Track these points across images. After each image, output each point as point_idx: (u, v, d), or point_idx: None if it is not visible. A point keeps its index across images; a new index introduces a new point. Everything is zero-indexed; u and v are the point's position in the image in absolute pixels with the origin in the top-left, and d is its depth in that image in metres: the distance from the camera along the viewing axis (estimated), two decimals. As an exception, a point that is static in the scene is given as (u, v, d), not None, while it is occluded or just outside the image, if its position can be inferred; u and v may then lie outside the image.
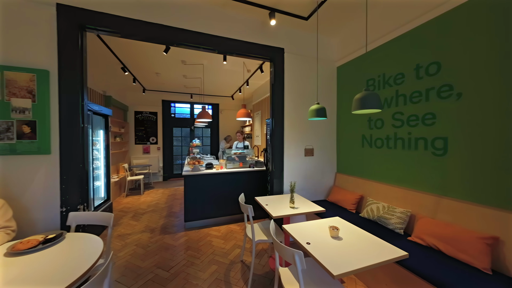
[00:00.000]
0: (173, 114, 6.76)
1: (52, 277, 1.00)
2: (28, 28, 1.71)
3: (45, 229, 1.75)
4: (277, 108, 2.67)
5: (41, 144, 1.73)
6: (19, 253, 1.18)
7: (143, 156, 6.19)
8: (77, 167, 1.87)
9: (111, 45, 3.21)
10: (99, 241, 1.33)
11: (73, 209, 1.83)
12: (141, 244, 2.58)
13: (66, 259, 1.16)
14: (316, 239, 1.35)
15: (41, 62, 1.74)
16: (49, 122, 1.76)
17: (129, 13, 2.01)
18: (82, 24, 1.88)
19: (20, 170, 1.70)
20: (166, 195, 4.84)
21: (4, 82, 1.64)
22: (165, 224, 3.21)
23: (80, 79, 1.88)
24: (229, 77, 4.82)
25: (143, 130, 6.23)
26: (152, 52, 3.46)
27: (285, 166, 2.72)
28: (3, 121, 1.64)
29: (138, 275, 1.99)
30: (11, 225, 1.41)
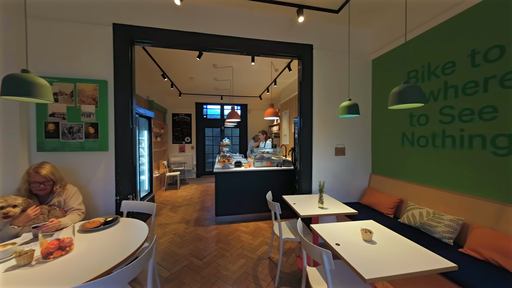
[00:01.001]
0: (205, 115, 7.20)
1: (111, 252, 1.21)
2: (92, 46, 2.07)
3: (104, 213, 2.09)
4: (305, 106, 2.62)
5: (102, 142, 2.08)
6: (87, 230, 1.45)
7: (179, 154, 6.76)
8: (128, 162, 2.17)
9: (153, 55, 3.61)
10: (145, 227, 1.53)
11: (125, 198, 2.14)
12: (178, 234, 2.85)
13: (120, 238, 1.38)
14: (347, 241, 1.30)
15: (101, 73, 2.09)
16: (107, 123, 2.10)
17: (167, 25, 2.24)
18: (132, 39, 2.18)
19: (87, 164, 2.07)
20: (199, 191, 5.21)
21: (76, 92, 2.02)
22: (198, 217, 3.46)
23: (130, 86, 2.18)
24: (257, 77, 4.91)
25: (179, 131, 6.81)
26: (187, 59, 3.77)
27: (313, 166, 2.65)
28: (76, 124, 2.02)
29: (175, 260, 2.21)
30: (82, 208, 1.73)
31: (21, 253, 1.07)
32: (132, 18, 2.15)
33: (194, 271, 2.03)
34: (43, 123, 1.97)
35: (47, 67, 1.97)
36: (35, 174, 1.54)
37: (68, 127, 2.01)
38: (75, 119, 2.02)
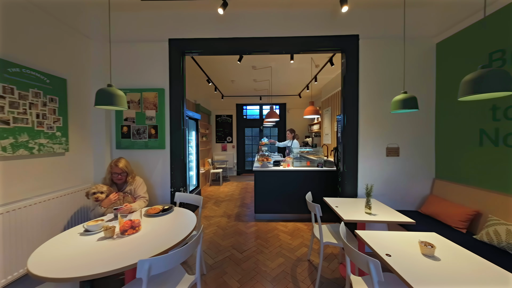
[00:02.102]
0: (245, 115, 7.49)
1: (167, 235, 1.41)
2: (153, 60, 2.44)
3: (162, 202, 2.44)
4: (350, 102, 2.42)
5: (160, 142, 2.44)
6: (150, 215, 1.73)
7: (221, 153, 7.25)
8: (180, 159, 2.48)
9: (199, 62, 3.99)
10: (193, 217, 1.72)
11: (177, 190, 2.45)
12: (221, 226, 3.07)
13: (174, 225, 1.59)
14: (400, 252, 1.15)
15: (160, 83, 2.45)
16: (164, 125, 2.44)
17: (212, 34, 2.43)
18: (183, 50, 2.48)
19: (149, 160, 2.46)
20: (239, 188, 5.47)
21: (142, 99, 2.43)
22: (239, 212, 3.64)
23: (181, 93, 2.48)
24: (296, 75, 4.80)
25: (221, 131, 7.31)
26: (229, 63, 4.01)
27: (359, 167, 2.42)
28: (142, 126, 2.44)
29: (219, 250, 2.40)
30: (146, 196, 2.08)
31: (107, 228, 1.37)
32: (183, 32, 2.43)
33: (235, 263, 2.15)
34: (120, 126, 2.45)
35: (122, 80, 2.43)
36: (115, 167, 1.93)
37: (136, 129, 2.44)
38: (141, 122, 2.44)
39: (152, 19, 2.42)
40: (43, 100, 1.79)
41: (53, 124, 1.87)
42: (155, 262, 1.01)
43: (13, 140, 1.58)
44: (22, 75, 1.64)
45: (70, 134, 2.05)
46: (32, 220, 1.62)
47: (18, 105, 1.61)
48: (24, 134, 1.65)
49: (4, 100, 1.52)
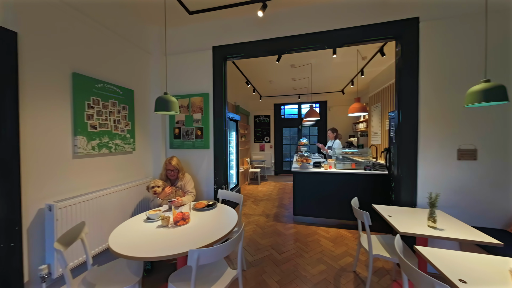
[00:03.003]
0: (283, 115, 7.41)
1: (212, 229, 1.52)
2: (199, 67, 2.68)
3: (207, 197, 2.65)
4: (407, 96, 2.09)
5: (205, 142, 2.65)
6: (197, 209, 1.91)
7: (259, 153, 7.38)
8: (222, 158, 2.64)
9: (239, 66, 4.16)
10: (235, 214, 1.80)
11: (220, 187, 2.62)
12: (260, 225, 3.12)
13: (218, 219, 1.70)
14: (479, 280, 0.93)
15: (205, 88, 2.66)
16: (208, 127, 2.65)
17: (252, 37, 2.49)
18: (225, 56, 2.62)
19: (196, 158, 2.71)
20: (277, 188, 5.45)
21: (190, 104, 2.69)
22: (277, 213, 3.63)
23: (223, 96, 2.63)
24: (339, 71, 4.46)
25: (259, 131, 7.43)
26: (267, 64, 4.04)
27: (419, 172, 2.07)
28: (190, 128, 2.70)
29: (258, 249, 2.45)
30: (194, 191, 2.30)
31: (163, 218, 1.58)
32: (225, 39, 2.58)
33: (274, 263, 2.16)
34: (173, 129, 2.78)
35: (174, 87, 2.75)
36: (169, 164, 2.20)
37: (185, 131, 2.73)
38: (189, 125, 2.71)
39: (197, 30, 2.65)
40: (118, 108, 2.19)
41: (124, 127, 2.27)
42: (203, 253, 1.10)
43: (99, 141, 1.98)
44: (104, 89, 2.04)
45: (136, 136, 2.45)
46: (111, 206, 2.01)
47: (102, 113, 2.01)
48: (105, 136, 2.05)
49: (93, 109, 1.93)
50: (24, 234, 1.45)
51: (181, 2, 2.21)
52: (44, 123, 1.57)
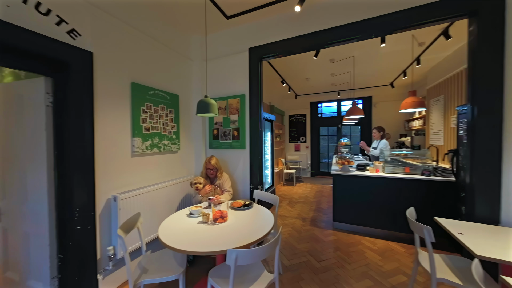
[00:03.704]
0: (320, 114, 7.02)
1: (249, 230, 1.53)
2: (236, 70, 2.75)
3: (243, 197, 2.71)
4: (486, 86, 1.68)
5: (242, 142, 2.71)
6: (234, 208, 1.95)
7: (294, 153, 7.18)
8: (257, 158, 2.65)
9: (274, 65, 4.11)
10: (271, 216, 1.77)
11: (255, 187, 2.63)
12: (296, 228, 3.02)
13: (255, 220, 1.70)
14: None
15: (241, 89, 2.72)
16: (244, 128, 2.69)
17: (288, 34, 2.42)
18: (260, 56, 2.62)
19: (233, 158, 2.79)
20: (314, 191, 5.19)
21: (227, 106, 2.79)
22: (314, 217, 3.44)
23: (259, 96, 2.64)
24: (388, 61, 3.95)
25: (294, 131, 7.23)
26: (303, 61, 3.88)
27: (504, 181, 1.63)
28: (227, 129, 2.81)
29: (294, 253, 2.36)
30: (231, 190, 2.37)
31: (204, 214, 1.66)
32: (261, 39, 2.57)
33: (312, 271, 2.04)
34: (212, 130, 2.94)
35: (214, 91, 2.90)
36: (208, 163, 2.33)
37: (223, 132, 2.84)
38: (227, 126, 2.81)
39: (234, 34, 2.73)
40: (166, 112, 2.44)
41: (171, 129, 2.51)
42: (241, 254, 1.10)
43: (151, 141, 2.24)
44: (155, 95, 2.30)
45: (180, 137, 2.68)
46: (160, 199, 2.24)
47: (153, 117, 2.27)
48: (156, 137, 2.31)
49: (147, 114, 2.19)
50: (97, 219, 1.75)
51: (219, 8, 2.30)
52: (110, 127, 1.86)
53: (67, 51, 1.55)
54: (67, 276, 1.61)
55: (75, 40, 1.60)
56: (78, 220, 1.61)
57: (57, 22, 1.50)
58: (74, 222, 1.60)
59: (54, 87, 1.59)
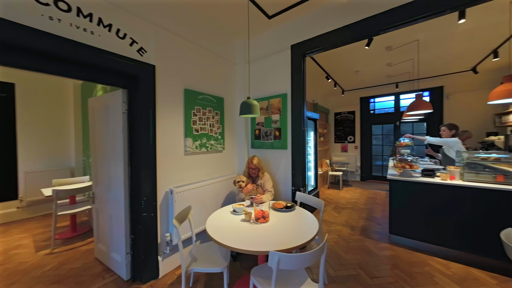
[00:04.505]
0: (372, 110, 6.23)
1: (292, 232, 1.47)
2: (277, 69, 2.72)
3: (284, 198, 2.65)
4: None
5: (283, 143, 2.66)
6: (275, 209, 1.93)
7: (341, 154, 6.60)
8: (300, 159, 2.54)
9: (318, 60, 3.87)
10: (315, 221, 1.67)
11: (297, 189, 2.53)
12: (343, 237, 2.75)
13: (297, 224, 1.63)
14: None
15: (283, 88, 2.67)
16: (286, 127, 2.63)
17: (335, 25, 2.22)
18: (303, 52, 2.51)
19: (275, 158, 2.77)
20: (364, 196, 4.64)
21: (269, 106, 2.79)
22: (366, 226, 3.07)
23: (302, 95, 2.53)
24: (468, 41, 3.14)
25: (341, 130, 6.65)
26: (352, 52, 3.51)
27: None
28: (269, 129, 2.81)
29: (341, 264, 2.15)
30: (272, 190, 2.36)
31: (246, 213, 1.70)
32: (304, 34, 2.46)
33: (363, 287, 1.81)
34: (253, 130, 3.00)
35: (256, 91, 2.96)
36: (250, 163, 2.38)
37: (264, 132, 2.86)
38: (268, 126, 2.82)
39: (275, 33, 2.70)
40: (212, 114, 2.63)
41: (217, 130, 2.70)
42: (284, 258, 1.07)
43: (200, 141, 2.46)
44: (203, 99, 2.51)
45: (225, 137, 2.84)
46: (207, 195, 2.43)
47: (202, 119, 2.49)
48: (204, 138, 2.52)
49: (196, 116, 2.42)
50: (158, 209, 2.03)
51: (261, 9, 2.32)
52: (167, 129, 2.13)
53: (137, 67, 1.85)
54: (136, 254, 1.94)
55: (142, 56, 1.90)
56: (145, 207, 1.91)
57: (130, 43, 1.82)
58: (142, 209, 1.90)
59: (128, 97, 1.94)
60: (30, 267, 2.16)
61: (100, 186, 2.20)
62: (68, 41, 1.45)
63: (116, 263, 2.03)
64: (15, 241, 2.72)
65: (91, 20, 1.57)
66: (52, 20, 1.39)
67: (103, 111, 2.10)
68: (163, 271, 2.03)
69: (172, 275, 2.02)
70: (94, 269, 2.12)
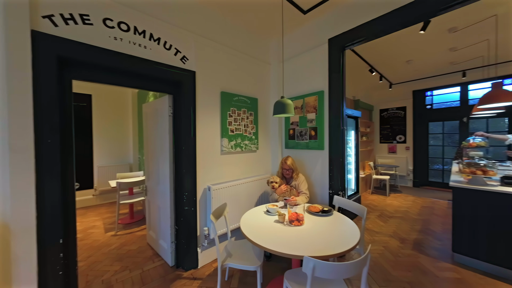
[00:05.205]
0: (429, 105, 5.32)
1: (329, 239, 1.38)
2: (313, 65, 2.59)
3: (320, 201, 2.51)
4: None
5: (319, 143, 2.52)
6: (311, 212, 1.84)
7: (388, 156, 5.87)
8: (338, 160, 2.36)
9: (359, 52, 3.52)
10: (356, 229, 1.51)
11: (336, 193, 2.36)
12: (390, 249, 2.43)
13: (335, 230, 1.52)
14: None
15: (319, 85, 2.53)
16: (323, 127, 2.49)
17: (380, 11, 1.98)
18: (342, 45, 2.32)
19: (310, 159, 2.65)
20: (418, 205, 4.00)
21: (304, 104, 2.69)
22: (420, 240, 2.64)
23: (341, 91, 2.34)
24: None
25: (388, 128, 5.91)
26: (402, 39, 3.07)
27: None
28: (303, 129, 2.71)
29: (387, 280, 1.90)
30: (308, 193, 2.26)
31: (280, 214, 1.68)
32: (343, 26, 2.27)
33: (416, 311, 1.56)
34: (287, 130, 2.94)
35: (290, 90, 2.89)
36: (284, 163, 2.33)
37: (299, 132, 2.77)
38: (303, 125, 2.71)
39: (311, 28, 2.58)
40: (246, 115, 2.69)
41: (251, 130, 2.74)
42: (319, 265, 1.00)
43: (235, 141, 2.55)
44: (239, 101, 2.59)
45: (259, 137, 2.87)
46: (241, 193, 2.50)
47: (237, 120, 2.57)
48: (239, 138, 2.60)
49: (232, 117, 2.51)
50: (197, 204, 2.19)
51: (296, 5, 2.24)
52: (206, 130, 2.28)
53: (181, 74, 2.04)
54: (179, 243, 2.14)
55: (185, 64, 2.08)
56: (186, 202, 2.09)
57: (175, 53, 2.01)
58: (184, 203, 2.09)
59: (173, 101, 2.15)
60: (101, 245, 2.62)
61: (151, 180, 2.51)
62: (129, 56, 1.71)
63: (163, 249, 2.29)
64: (91, 222, 3.36)
65: (144, 36, 1.80)
66: (116, 40, 1.65)
67: (154, 115, 2.38)
68: (201, 262, 2.18)
69: (209, 267, 2.15)
70: (146, 253, 2.43)
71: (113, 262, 2.25)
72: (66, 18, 1.44)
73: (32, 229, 1.32)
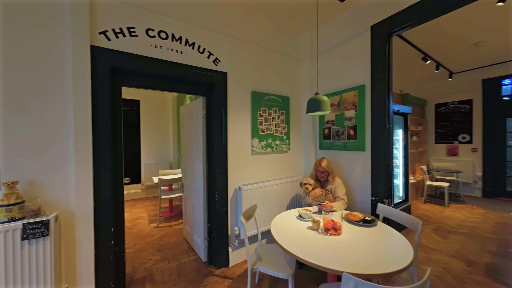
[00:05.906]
0: (508, 96, 4.27)
1: (373, 255, 1.19)
2: (352, 57, 2.34)
3: (361, 209, 2.24)
4: None
5: (360, 143, 2.26)
6: (350, 221, 1.64)
7: (446, 159, 4.96)
8: (383, 164, 2.07)
9: (410, 38, 3.04)
10: (408, 245, 1.28)
11: (380, 200, 2.07)
12: (452, 272, 2.01)
13: (380, 245, 1.31)
14: None
15: (360, 79, 2.27)
16: (364, 125, 2.22)
17: (441, -16, 1.64)
18: (388, 32, 2.02)
19: (348, 161, 2.40)
20: (491, 220, 3.24)
21: (341, 101, 2.45)
22: (496, 265, 2.11)
23: (386, 84, 2.04)
24: None
25: (446, 126, 4.99)
26: (468, 17, 2.51)
27: None
28: (341, 128, 2.47)
29: (450, 310, 1.56)
30: (345, 198, 2.05)
31: (314, 220, 1.54)
32: (388, 9, 1.98)
33: None
34: (322, 129, 2.73)
35: (325, 86, 2.68)
36: (319, 165, 2.17)
37: (335, 131, 2.54)
38: (340, 124, 2.48)
39: (350, 17, 2.33)
40: (278, 114, 2.60)
41: (282, 130, 2.65)
42: (362, 286, 0.86)
43: (265, 142, 2.50)
44: (269, 100, 2.52)
45: (291, 137, 2.75)
46: (272, 195, 2.43)
47: (268, 119, 2.51)
48: (269, 138, 2.53)
49: (262, 117, 2.47)
50: (229, 203, 2.22)
51: (333, -7, 2.05)
52: (237, 130, 2.29)
53: (214, 76, 2.09)
54: (211, 241, 2.20)
55: (217, 66, 2.13)
56: (218, 201, 2.14)
57: (208, 56, 2.07)
58: (216, 202, 2.14)
59: (206, 103, 2.23)
60: (145, 235, 2.91)
61: (187, 178, 2.66)
62: (168, 62, 1.83)
63: (197, 245, 2.39)
64: (138, 213, 3.78)
65: (181, 42, 1.91)
66: (156, 48, 1.79)
67: (189, 116, 2.52)
68: (232, 261, 2.19)
69: (240, 267, 2.15)
70: (182, 246, 2.59)
71: (155, 252, 2.47)
72: (116, 32, 1.61)
73: (90, 217, 1.52)
